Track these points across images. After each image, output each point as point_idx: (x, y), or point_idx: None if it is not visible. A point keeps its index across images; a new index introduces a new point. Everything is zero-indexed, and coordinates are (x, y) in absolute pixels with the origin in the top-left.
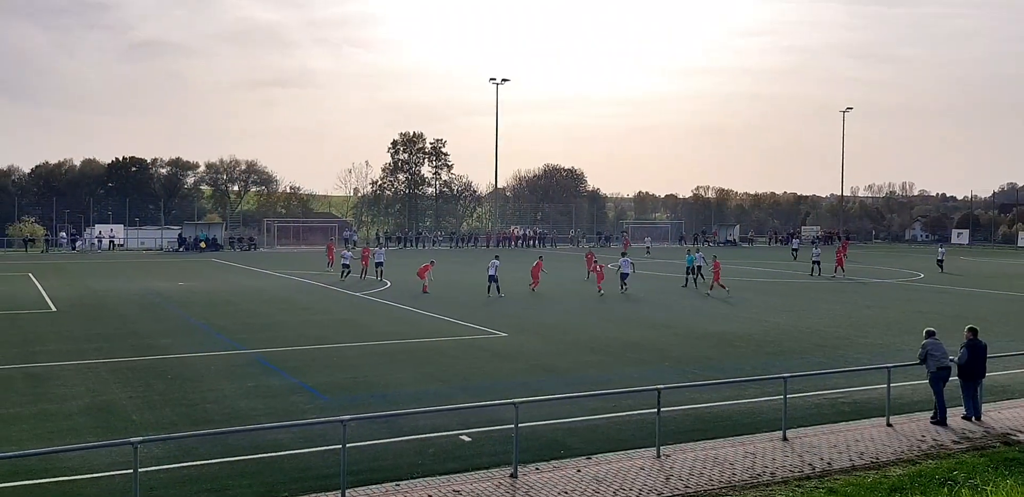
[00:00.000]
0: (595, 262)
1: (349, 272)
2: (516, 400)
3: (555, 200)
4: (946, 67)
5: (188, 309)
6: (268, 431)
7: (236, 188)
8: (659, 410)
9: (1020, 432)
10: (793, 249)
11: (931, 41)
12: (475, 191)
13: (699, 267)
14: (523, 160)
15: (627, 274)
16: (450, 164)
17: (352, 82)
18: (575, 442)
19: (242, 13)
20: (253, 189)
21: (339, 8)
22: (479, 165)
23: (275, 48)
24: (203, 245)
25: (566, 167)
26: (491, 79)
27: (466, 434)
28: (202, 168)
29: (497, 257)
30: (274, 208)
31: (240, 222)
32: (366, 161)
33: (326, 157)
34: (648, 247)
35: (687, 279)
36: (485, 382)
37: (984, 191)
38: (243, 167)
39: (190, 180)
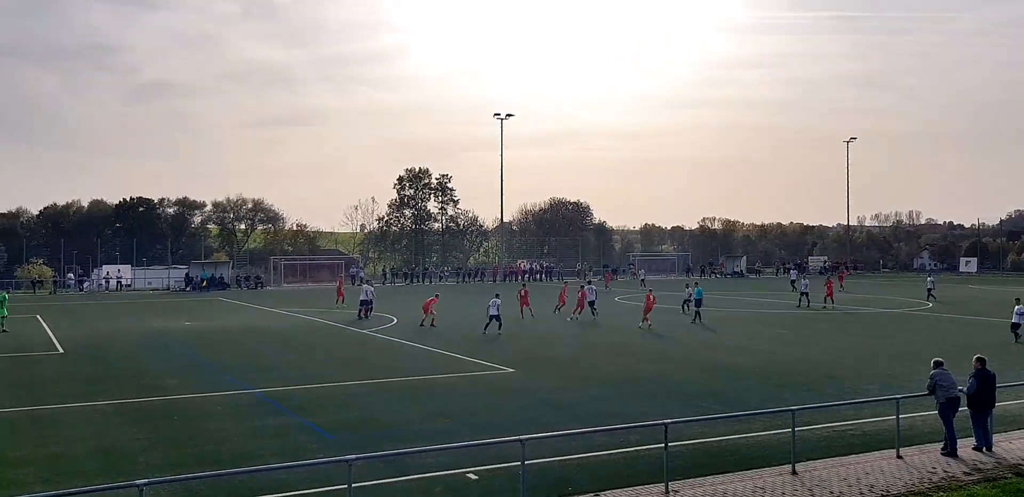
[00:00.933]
0: (574, 291)
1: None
2: (523, 437)
3: (561, 233)
4: (950, 95)
5: (194, 349)
6: (274, 471)
7: (243, 226)
8: (666, 445)
9: None
10: (792, 280)
11: (935, 69)
12: (481, 226)
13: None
14: (529, 194)
15: (593, 301)
16: (456, 199)
17: (358, 119)
18: (583, 478)
19: (247, 53)
20: (260, 227)
21: (344, 47)
22: (485, 200)
23: (280, 87)
24: (204, 284)
25: (572, 200)
26: (495, 114)
27: (473, 472)
28: (209, 207)
29: (498, 295)
30: (281, 246)
31: (247, 260)
32: (372, 197)
33: (332, 194)
34: (642, 279)
35: (696, 314)
36: (492, 419)
37: (991, 219)
38: (249, 205)
39: (197, 219)
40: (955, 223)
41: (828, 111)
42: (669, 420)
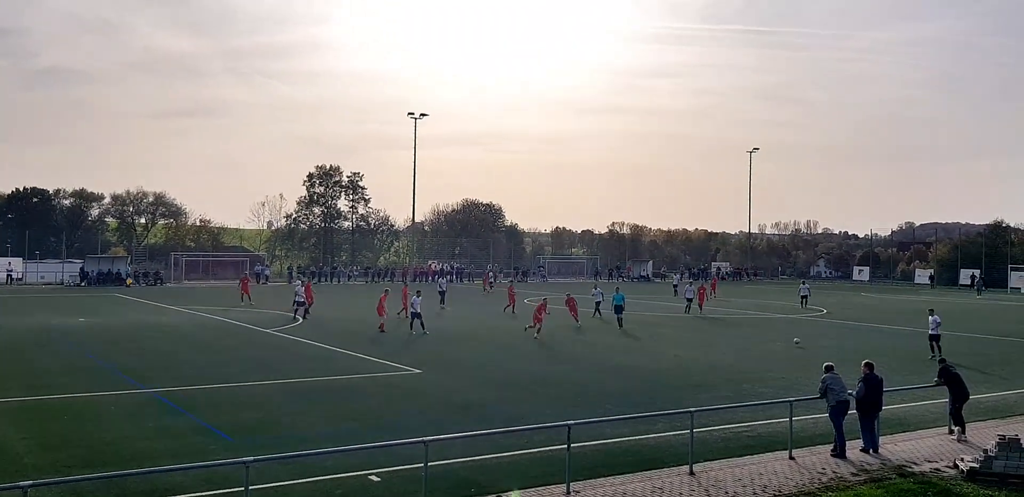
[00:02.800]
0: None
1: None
2: (426, 438)
3: (473, 235)
4: (849, 110)
5: (88, 346)
6: (168, 473)
7: (143, 220)
8: (569, 446)
9: (915, 464)
10: (674, 285)
11: (834, 85)
12: (392, 225)
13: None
14: (441, 194)
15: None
16: (367, 198)
17: (266, 114)
18: (486, 480)
19: (151, 41)
20: (161, 221)
21: (254, 38)
22: (397, 199)
23: (186, 77)
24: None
25: (484, 202)
26: (409, 113)
27: (376, 474)
28: (107, 200)
29: (419, 293)
30: (183, 241)
31: (146, 256)
32: (280, 194)
33: (239, 189)
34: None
35: (618, 319)
36: (397, 420)
37: (883, 230)
38: (150, 199)
39: (94, 212)
40: (850, 233)
41: (733, 122)
42: (572, 421)
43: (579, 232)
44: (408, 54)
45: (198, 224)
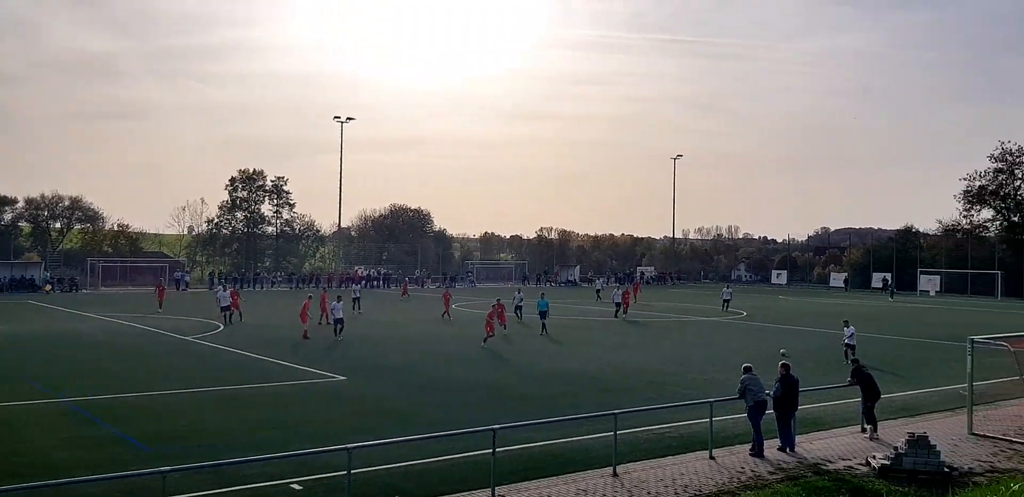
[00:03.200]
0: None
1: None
2: (350, 445)
3: (401, 240)
4: (769, 118)
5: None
6: (81, 485)
7: (58, 225)
8: (494, 450)
9: (830, 461)
10: (596, 290)
11: (755, 94)
12: (318, 231)
13: (518, 307)
14: (369, 200)
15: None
16: (292, 203)
17: (188, 116)
18: (411, 486)
19: (68, 41)
20: (77, 226)
21: (176, 39)
22: (323, 204)
23: (105, 79)
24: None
25: (413, 207)
26: (336, 117)
27: (297, 482)
28: (21, 204)
29: (339, 298)
30: (100, 247)
31: (61, 261)
32: (201, 198)
33: (158, 194)
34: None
35: (543, 326)
36: (320, 428)
37: (801, 235)
38: (66, 203)
39: (7, 216)
40: (769, 238)
41: (659, 129)
42: (497, 426)
43: (508, 237)
44: (336, 58)
45: (116, 229)
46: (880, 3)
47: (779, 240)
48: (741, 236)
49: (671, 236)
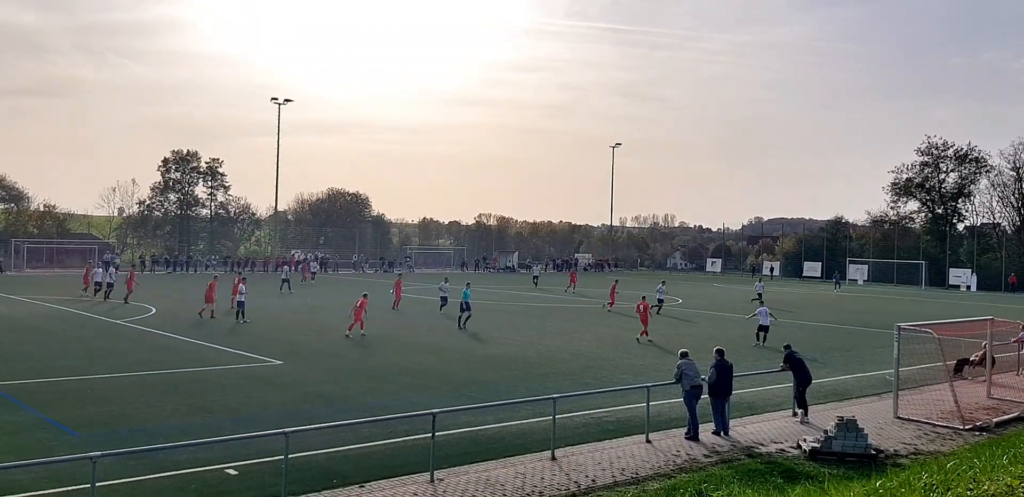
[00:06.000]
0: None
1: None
2: (287, 430)
3: (339, 224)
4: (704, 108)
5: None
6: (7, 471)
7: None
8: (433, 434)
9: (762, 445)
10: (534, 276)
11: (690, 83)
12: (254, 214)
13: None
14: (306, 183)
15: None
16: (227, 185)
17: (119, 95)
18: (349, 470)
19: None
20: (0, 206)
21: (106, 15)
22: (260, 187)
23: (30, 54)
24: None
25: (351, 191)
26: (273, 99)
27: (233, 467)
28: None
29: (244, 279)
30: (25, 227)
31: None
32: (133, 179)
33: (88, 174)
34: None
35: (465, 318)
36: (256, 412)
37: (735, 224)
38: None
39: None
40: (704, 227)
41: (598, 117)
42: (437, 410)
43: (447, 223)
44: (273, 39)
45: (42, 210)
46: None
47: (714, 229)
48: (677, 225)
49: (609, 224)
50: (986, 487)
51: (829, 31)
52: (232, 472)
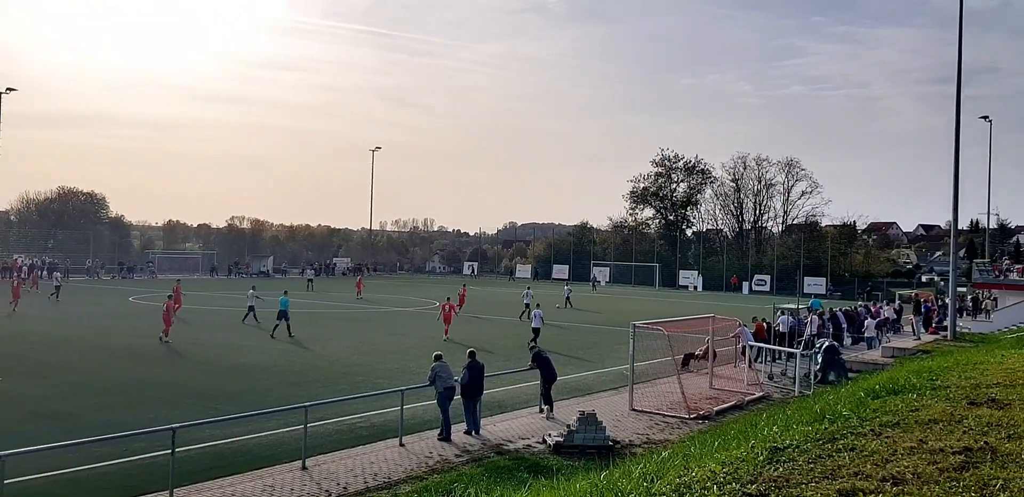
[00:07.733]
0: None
1: None
2: (2, 453)
3: (71, 227)
4: (462, 116)
5: None
6: None
7: None
8: (173, 450)
9: (511, 441)
10: (308, 280)
11: (450, 91)
12: None
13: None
14: (33, 182)
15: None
16: None
17: None
18: (74, 494)
19: None
20: None
21: None
22: None
23: None
24: None
25: (85, 191)
26: None
27: None
28: None
29: None
30: None
31: None
32: None
33: None
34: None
35: (281, 326)
36: None
37: (491, 228)
38: None
39: None
40: (462, 231)
41: (357, 120)
42: (177, 425)
43: (195, 226)
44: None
45: None
46: (562, 15)
47: (471, 233)
48: (436, 229)
49: (368, 227)
50: (695, 473)
51: (580, 48)
52: None
